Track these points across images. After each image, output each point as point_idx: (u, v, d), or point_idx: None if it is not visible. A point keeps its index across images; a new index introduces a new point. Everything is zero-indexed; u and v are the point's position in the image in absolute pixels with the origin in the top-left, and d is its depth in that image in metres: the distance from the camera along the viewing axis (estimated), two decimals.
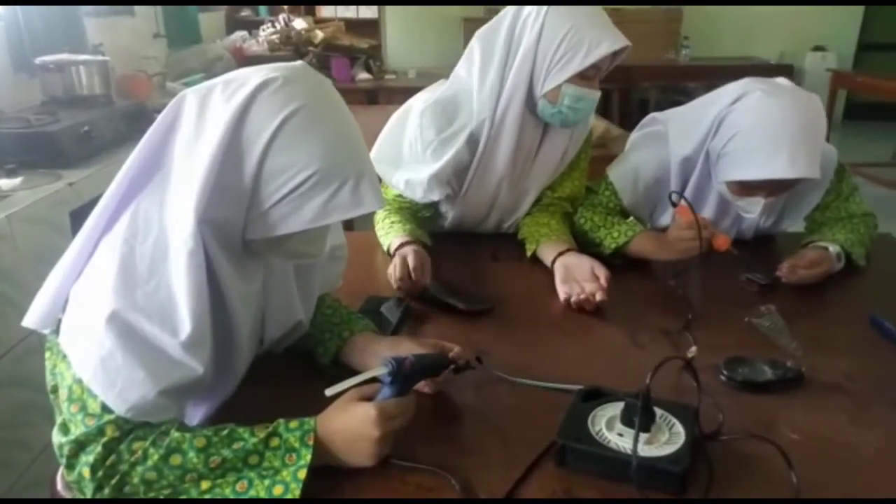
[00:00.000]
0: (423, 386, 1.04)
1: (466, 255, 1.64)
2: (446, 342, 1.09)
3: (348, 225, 1.05)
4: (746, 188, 1.46)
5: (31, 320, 0.90)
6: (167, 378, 0.84)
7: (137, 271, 0.84)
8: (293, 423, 0.87)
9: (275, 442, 0.86)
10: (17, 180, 2.10)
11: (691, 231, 1.40)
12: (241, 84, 0.87)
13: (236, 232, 0.90)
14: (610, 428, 0.93)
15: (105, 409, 0.83)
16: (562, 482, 0.88)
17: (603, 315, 1.35)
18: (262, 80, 0.86)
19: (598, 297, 1.33)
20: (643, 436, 0.89)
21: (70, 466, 0.83)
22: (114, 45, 3.29)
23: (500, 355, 1.17)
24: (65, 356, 0.85)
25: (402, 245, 1.49)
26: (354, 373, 0.92)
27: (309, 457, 0.84)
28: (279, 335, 1.11)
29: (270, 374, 1.11)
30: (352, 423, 0.87)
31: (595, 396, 0.99)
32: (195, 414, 1.02)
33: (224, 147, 0.84)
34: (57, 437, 0.84)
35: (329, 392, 0.85)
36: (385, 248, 1.57)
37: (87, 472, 0.81)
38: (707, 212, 1.59)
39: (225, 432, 0.86)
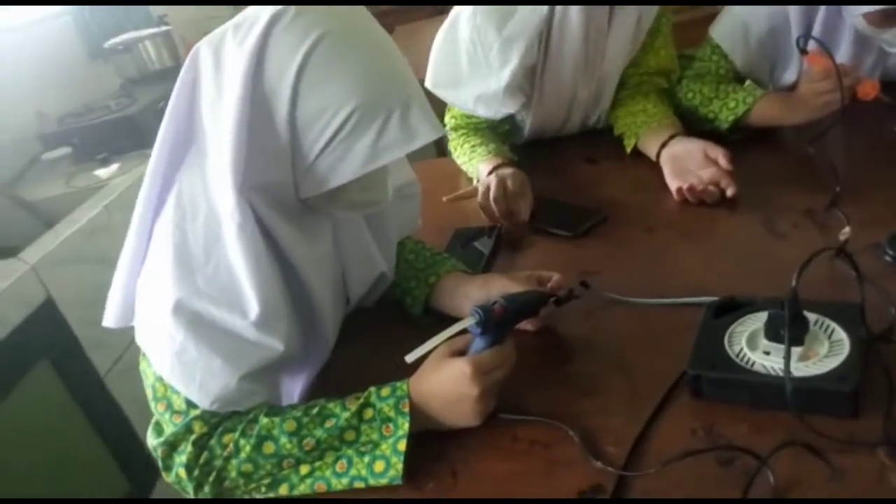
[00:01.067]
0: (524, 324, 0.92)
1: (558, 164, 1.47)
2: (544, 271, 0.96)
3: (419, 154, 0.91)
4: (891, 16, 1.17)
5: (108, 319, 0.86)
6: (246, 362, 0.78)
7: (193, 255, 0.77)
8: (385, 391, 0.79)
9: (368, 413, 0.78)
10: (113, 167, 2.14)
11: (829, 81, 1.15)
12: (251, 24, 0.75)
13: (289, 193, 0.80)
14: (752, 346, 0.77)
15: (190, 404, 0.78)
16: (701, 418, 0.74)
17: (729, 205, 1.15)
18: (272, 14, 0.73)
19: (724, 184, 1.13)
20: (795, 351, 0.73)
21: (167, 468, 0.80)
22: (177, 13, 3.26)
23: (611, 274, 1.02)
24: (144, 354, 0.81)
25: (495, 168, 1.33)
26: (449, 321, 0.81)
27: (407, 425, 0.76)
28: (364, 291, 1.02)
29: (365, 332, 1.03)
30: (446, 382, 0.77)
31: (730, 309, 0.83)
32: (293, 388, 0.97)
33: (247, 102, 0.73)
34: (151, 440, 0.81)
35: (409, 358, 0.75)
36: (472, 176, 1.42)
37: (183, 472, 0.78)
38: (842, 55, 1.31)
39: (315, 410, 0.79)
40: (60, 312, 1.66)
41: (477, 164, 1.39)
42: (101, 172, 2.12)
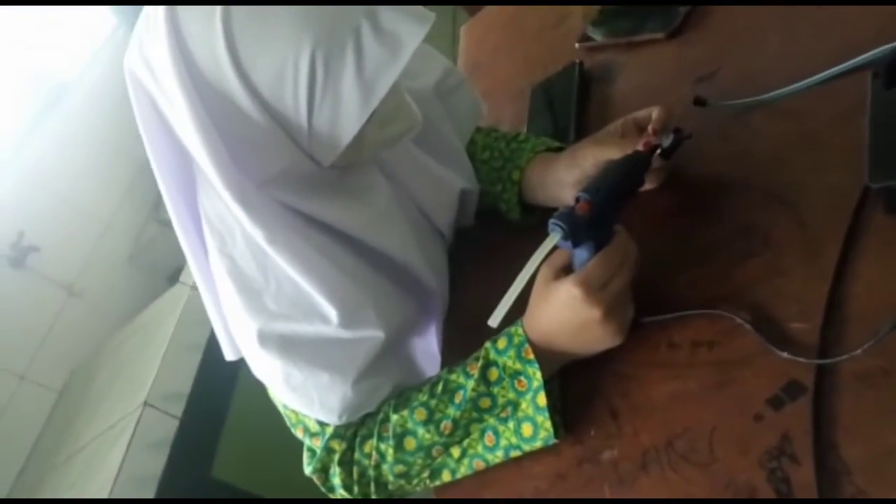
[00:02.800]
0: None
1: None
2: (640, 112, 0.74)
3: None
4: None
5: (227, 353, 0.83)
6: (352, 365, 0.71)
7: (251, 278, 0.69)
8: (501, 342, 0.67)
9: (493, 374, 0.67)
10: None
11: None
12: (155, 11, 0.60)
13: (310, 168, 0.68)
14: None
15: (322, 423, 0.74)
16: None
17: None
18: None
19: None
20: None
21: (330, 490, 0.77)
22: None
23: (730, 71, 0.77)
24: None
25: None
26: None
27: (539, 374, 0.64)
28: (451, 217, 0.88)
29: (477, 255, 0.90)
30: (561, 312, 0.62)
31: None
32: (428, 344, 0.89)
33: (196, 102, 0.60)
34: (305, 469, 0.78)
35: (493, 322, 0.60)
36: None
37: (344, 492, 0.74)
38: None
39: (440, 388, 0.70)
40: None
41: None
42: None
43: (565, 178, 0.77)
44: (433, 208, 0.85)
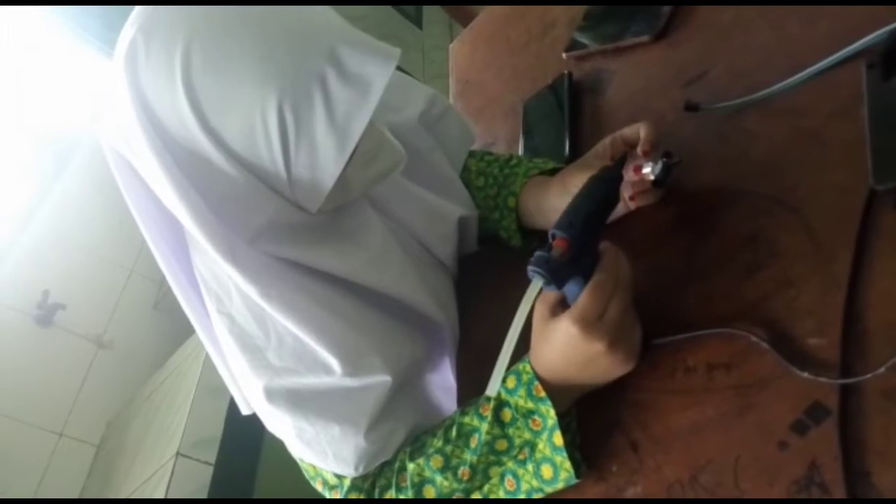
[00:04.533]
0: (644, 199, 0.70)
1: None
2: (626, 128, 0.71)
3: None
4: None
5: (243, 408, 0.82)
6: (363, 413, 0.70)
7: (252, 335, 0.69)
8: (510, 381, 0.64)
9: (507, 415, 0.64)
10: None
11: None
12: (118, 79, 0.60)
13: (298, 219, 0.67)
14: None
15: (339, 476, 0.73)
16: None
17: None
18: (123, 54, 0.58)
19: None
20: None
21: None
22: None
23: (721, 70, 0.74)
24: None
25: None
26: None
27: (552, 411, 0.61)
28: (452, 248, 0.86)
29: (481, 286, 0.88)
30: (564, 349, 0.59)
31: None
32: (442, 378, 0.87)
33: (171, 166, 0.59)
34: None
35: (490, 392, 0.58)
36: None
37: None
38: None
39: (454, 432, 0.68)
40: None
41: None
42: None
43: (559, 206, 0.73)
44: (432, 240, 0.83)
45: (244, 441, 1.65)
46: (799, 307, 0.54)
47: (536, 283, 0.56)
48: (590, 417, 0.65)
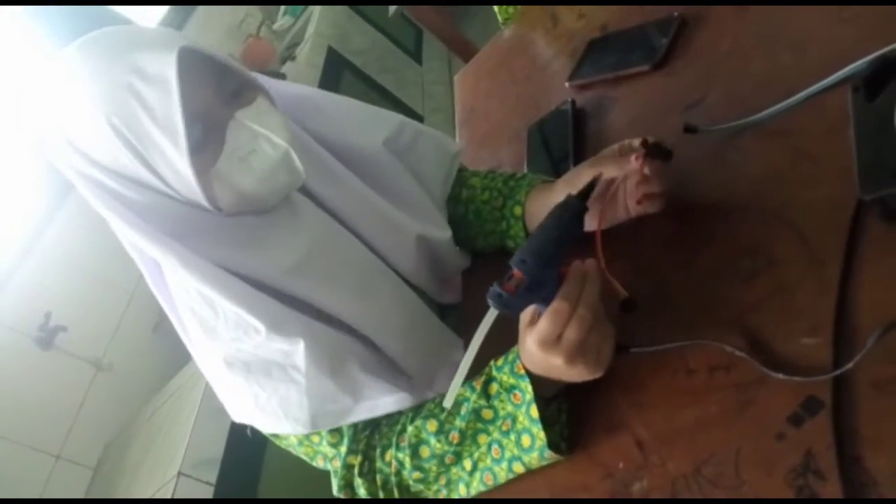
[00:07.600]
0: (644, 208, 0.74)
1: None
2: (633, 140, 0.75)
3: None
4: None
5: (232, 415, 0.85)
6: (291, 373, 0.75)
7: (206, 318, 0.74)
8: (500, 360, 0.71)
9: (493, 388, 0.71)
10: None
11: None
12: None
13: (210, 221, 0.73)
14: None
15: (333, 445, 0.79)
16: None
17: None
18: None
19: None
20: None
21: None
22: None
23: (718, 95, 0.80)
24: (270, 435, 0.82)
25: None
26: None
27: (529, 387, 0.66)
28: (413, 265, 0.88)
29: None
30: (533, 358, 0.65)
31: (888, 75, 0.59)
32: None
33: (82, 183, 0.70)
34: (334, 490, 0.81)
35: (447, 404, 0.64)
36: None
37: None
38: None
39: None
40: None
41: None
42: None
43: None
44: (388, 251, 0.86)
45: (245, 461, 1.66)
46: (794, 307, 0.58)
47: (493, 313, 0.61)
48: (597, 419, 0.68)
